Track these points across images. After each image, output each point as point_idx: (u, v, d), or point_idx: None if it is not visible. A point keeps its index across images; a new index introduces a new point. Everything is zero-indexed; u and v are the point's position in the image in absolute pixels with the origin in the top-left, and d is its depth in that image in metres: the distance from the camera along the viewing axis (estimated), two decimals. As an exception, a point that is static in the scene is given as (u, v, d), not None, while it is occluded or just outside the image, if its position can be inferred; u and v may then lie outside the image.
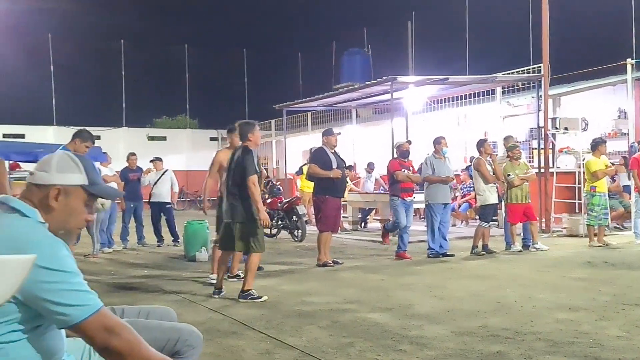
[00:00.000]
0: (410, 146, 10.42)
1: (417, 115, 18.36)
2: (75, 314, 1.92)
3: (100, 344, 1.96)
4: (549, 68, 13.89)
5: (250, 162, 6.65)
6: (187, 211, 24.22)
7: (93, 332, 1.95)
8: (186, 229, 10.23)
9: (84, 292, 1.97)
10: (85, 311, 1.94)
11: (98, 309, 1.97)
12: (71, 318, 1.92)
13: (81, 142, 7.15)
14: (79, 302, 1.94)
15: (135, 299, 6.77)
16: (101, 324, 1.96)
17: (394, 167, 9.77)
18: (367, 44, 29.92)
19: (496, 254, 9.95)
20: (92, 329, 1.95)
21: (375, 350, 4.60)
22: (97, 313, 1.96)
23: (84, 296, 1.97)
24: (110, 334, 1.96)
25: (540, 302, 6.14)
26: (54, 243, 1.96)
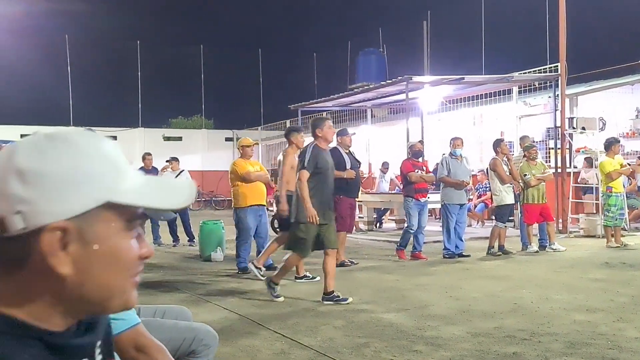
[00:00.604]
0: (422, 146, 10.36)
1: (433, 115, 18.28)
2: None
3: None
4: (566, 67, 13.78)
5: (303, 157, 6.56)
6: (203, 211, 24.32)
7: (123, 347, 1.92)
8: (202, 229, 10.27)
9: None
10: (120, 325, 1.92)
11: (133, 325, 1.95)
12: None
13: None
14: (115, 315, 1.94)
15: (151, 298, 6.80)
16: (133, 341, 1.92)
17: (407, 168, 9.73)
18: (382, 44, 29.87)
19: (512, 255, 9.89)
20: (123, 344, 1.92)
21: (390, 350, 4.59)
22: (131, 329, 1.93)
23: None
24: (139, 352, 1.93)
25: (557, 303, 6.09)
26: None
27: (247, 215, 8.57)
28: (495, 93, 17.38)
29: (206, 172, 27.56)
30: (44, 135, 0.94)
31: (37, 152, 0.91)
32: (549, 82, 15.07)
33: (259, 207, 8.71)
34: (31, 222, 0.88)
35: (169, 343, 2.52)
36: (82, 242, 0.90)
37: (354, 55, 30.27)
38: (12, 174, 0.88)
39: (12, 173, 0.88)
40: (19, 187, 0.88)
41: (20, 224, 0.87)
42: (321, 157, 6.53)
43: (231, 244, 10.97)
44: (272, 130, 29.72)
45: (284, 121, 27.81)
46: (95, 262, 0.92)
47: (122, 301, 0.99)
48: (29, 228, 0.88)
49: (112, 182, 0.92)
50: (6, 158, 0.90)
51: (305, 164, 6.45)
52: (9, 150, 0.91)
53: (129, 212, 0.94)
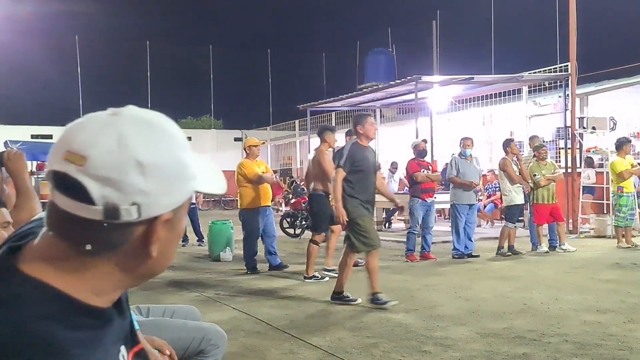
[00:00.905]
0: (426, 145, 10.30)
1: (442, 115, 18.23)
2: None
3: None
4: (576, 67, 13.70)
5: (340, 154, 6.35)
6: (212, 211, 24.38)
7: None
8: (211, 229, 10.29)
9: None
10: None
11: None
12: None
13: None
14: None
15: (161, 298, 6.82)
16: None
17: (412, 168, 9.67)
18: (391, 44, 29.87)
19: (522, 255, 9.85)
20: None
21: (399, 351, 4.58)
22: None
23: None
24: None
25: (567, 304, 6.06)
26: None
27: (253, 216, 8.57)
28: (505, 93, 17.32)
29: (215, 172, 27.61)
30: (144, 123, 0.94)
31: (150, 143, 0.91)
32: (559, 81, 15.00)
33: (265, 208, 8.71)
34: (145, 213, 0.90)
35: (178, 342, 2.52)
36: (170, 228, 0.96)
37: (362, 55, 30.29)
38: (132, 165, 0.88)
39: (132, 164, 0.89)
40: (139, 179, 0.89)
41: (134, 215, 0.89)
42: (360, 154, 6.32)
43: (240, 244, 10.98)
44: (280, 130, 29.76)
45: (293, 121, 27.85)
46: (171, 242, 0.99)
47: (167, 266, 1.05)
48: (141, 218, 0.90)
49: (194, 171, 0.97)
50: (120, 147, 0.89)
51: (341, 162, 6.26)
52: (115, 135, 0.90)
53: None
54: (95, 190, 0.87)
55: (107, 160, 0.88)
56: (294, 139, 27.70)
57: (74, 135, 0.90)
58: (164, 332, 2.52)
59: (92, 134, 0.90)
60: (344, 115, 24.43)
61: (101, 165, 0.87)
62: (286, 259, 9.54)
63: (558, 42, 20.90)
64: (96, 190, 0.87)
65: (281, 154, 28.74)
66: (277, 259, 8.84)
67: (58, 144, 0.91)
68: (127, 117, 0.93)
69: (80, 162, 0.87)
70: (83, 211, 0.88)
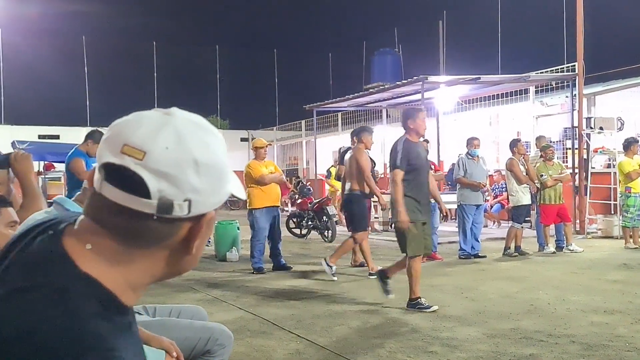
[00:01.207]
0: (427, 145, 10.25)
1: (449, 115, 18.21)
2: None
3: None
4: (584, 67, 13.65)
5: (394, 153, 6.02)
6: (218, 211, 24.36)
7: None
8: (217, 229, 10.29)
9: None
10: None
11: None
12: None
13: (93, 143, 6.84)
14: None
15: (167, 298, 6.83)
16: None
17: None
18: (397, 44, 29.84)
19: (529, 256, 9.82)
20: None
21: (405, 351, 4.57)
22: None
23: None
24: None
25: (574, 305, 6.04)
26: None
27: (261, 216, 8.60)
28: (511, 93, 17.28)
29: (222, 172, 27.67)
30: (197, 124, 0.98)
31: (204, 144, 0.96)
32: (566, 81, 14.95)
33: (273, 208, 8.73)
34: (195, 210, 0.94)
35: (185, 342, 2.53)
36: (209, 227, 1.00)
37: (369, 55, 30.27)
38: (189, 163, 0.92)
39: (190, 162, 0.92)
40: (194, 177, 0.93)
41: (185, 211, 0.93)
42: (413, 151, 6.04)
43: (246, 244, 10.99)
44: (287, 130, 29.77)
45: (299, 121, 27.86)
46: (204, 241, 1.02)
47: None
48: (189, 215, 0.94)
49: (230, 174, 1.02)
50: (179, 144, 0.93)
51: (398, 162, 5.90)
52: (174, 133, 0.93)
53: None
54: (152, 184, 0.90)
55: (166, 156, 0.91)
56: (300, 139, 27.72)
57: (131, 130, 0.93)
58: (171, 332, 2.52)
59: (151, 130, 0.93)
60: (350, 116, 24.43)
61: (160, 160, 0.90)
62: (292, 259, 9.55)
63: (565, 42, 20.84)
64: (153, 184, 0.90)
65: (287, 154, 28.76)
66: (281, 260, 8.86)
67: (111, 138, 0.94)
68: (181, 118, 0.97)
69: (139, 156, 0.90)
70: (136, 204, 0.91)
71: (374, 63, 28.98)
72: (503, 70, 22.96)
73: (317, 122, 21.50)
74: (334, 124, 25.98)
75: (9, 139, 16.78)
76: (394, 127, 22.62)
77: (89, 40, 29.58)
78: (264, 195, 8.59)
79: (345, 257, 9.58)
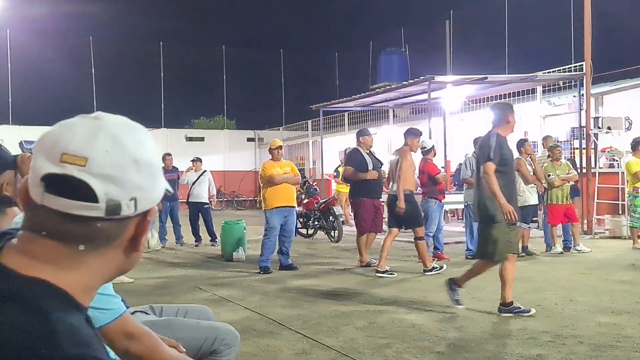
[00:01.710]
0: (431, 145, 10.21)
1: (455, 115, 18.17)
2: (99, 317, 1.94)
3: (121, 349, 1.96)
4: (591, 66, 13.60)
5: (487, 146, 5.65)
6: (225, 211, 24.43)
7: (114, 336, 1.96)
8: (223, 229, 10.31)
9: (109, 296, 1.99)
10: (109, 315, 1.95)
11: (121, 314, 1.98)
12: (95, 321, 1.94)
13: None
14: (104, 305, 1.96)
15: (174, 298, 6.85)
16: (122, 330, 1.96)
17: (433, 169, 9.58)
18: (404, 44, 29.77)
19: (536, 256, 9.79)
20: (113, 333, 1.96)
21: (412, 351, 4.56)
22: (119, 318, 1.97)
23: (109, 300, 1.98)
24: (130, 339, 1.96)
25: (581, 305, 6.01)
26: None
27: (272, 216, 8.65)
28: (519, 93, 17.23)
29: (228, 172, 27.68)
30: (129, 126, 1.00)
31: (139, 142, 0.98)
32: (574, 81, 14.90)
33: (286, 209, 8.74)
34: (140, 207, 0.97)
35: (191, 342, 2.53)
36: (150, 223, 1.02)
37: (375, 55, 30.22)
38: (130, 163, 0.95)
39: (131, 162, 0.95)
40: (137, 176, 0.95)
41: (132, 209, 0.96)
42: (506, 146, 5.78)
43: (253, 244, 11.02)
44: (293, 130, 29.77)
45: (306, 121, 27.85)
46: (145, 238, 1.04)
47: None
48: (136, 212, 0.97)
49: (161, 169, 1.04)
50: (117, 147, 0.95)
51: (492, 154, 5.55)
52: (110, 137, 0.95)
53: None
54: (99, 188, 0.92)
55: (108, 160, 0.93)
56: (307, 139, 27.70)
57: (66, 139, 0.93)
58: (177, 331, 2.53)
59: (87, 136, 0.94)
60: (356, 116, 24.41)
61: (103, 164, 0.92)
62: (298, 259, 9.55)
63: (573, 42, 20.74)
64: (100, 188, 0.92)
65: (294, 154, 28.73)
66: (288, 260, 8.87)
67: (46, 149, 0.94)
68: (111, 121, 0.98)
69: (81, 163, 0.91)
70: (84, 210, 0.92)
71: (381, 63, 28.94)
72: (510, 70, 22.88)
73: (324, 122, 21.48)
74: (341, 124, 25.96)
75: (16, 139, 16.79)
76: (401, 127, 22.58)
77: (96, 41, 29.65)
78: (275, 195, 8.64)
79: (353, 257, 9.60)
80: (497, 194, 5.48)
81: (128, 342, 1.96)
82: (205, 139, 29.83)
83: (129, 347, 1.95)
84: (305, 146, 27.86)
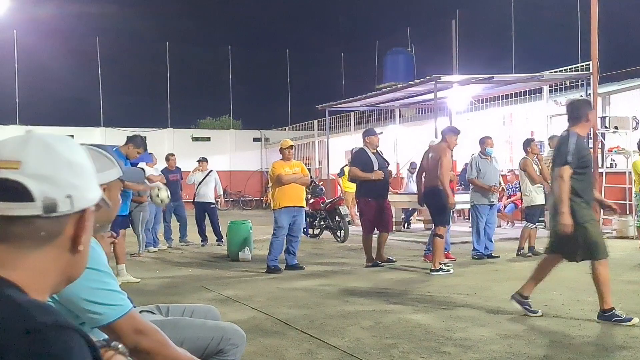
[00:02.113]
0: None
1: (461, 114, 18.13)
2: (108, 314, 1.95)
3: (130, 345, 1.97)
4: (598, 66, 13.55)
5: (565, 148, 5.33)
6: (231, 211, 24.46)
7: (124, 332, 1.97)
8: (230, 229, 10.32)
9: (116, 292, 2.00)
10: (117, 311, 1.97)
11: (129, 310, 2.00)
12: (104, 317, 1.95)
13: (134, 147, 7.56)
14: (112, 301, 1.97)
15: (180, 297, 6.85)
16: (131, 326, 1.98)
17: None
18: (410, 43, 29.73)
19: (543, 256, 9.74)
20: (123, 329, 1.97)
21: (418, 351, 4.55)
22: (128, 314, 1.99)
23: (116, 296, 2.00)
24: (139, 335, 1.98)
25: (588, 306, 5.98)
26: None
27: (280, 215, 8.67)
28: (525, 92, 17.18)
29: (234, 172, 27.73)
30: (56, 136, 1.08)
31: (70, 148, 1.06)
32: (581, 80, 14.85)
33: (294, 208, 8.75)
34: (76, 205, 1.03)
35: (197, 342, 2.53)
36: (89, 224, 1.08)
37: (381, 54, 30.18)
38: (64, 164, 1.02)
39: (64, 163, 1.03)
40: (71, 175, 1.03)
41: (68, 206, 1.02)
42: (584, 146, 5.55)
43: (259, 244, 11.03)
44: (299, 130, 29.78)
45: (312, 121, 27.86)
46: (88, 244, 1.11)
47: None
48: (73, 210, 1.03)
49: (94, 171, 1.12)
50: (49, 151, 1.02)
51: (569, 158, 5.24)
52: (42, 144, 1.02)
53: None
54: (34, 187, 0.98)
55: (42, 161, 1.00)
56: (313, 139, 27.71)
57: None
58: (183, 331, 2.53)
59: (18, 144, 1.02)
60: (362, 115, 24.40)
61: (36, 165, 0.99)
62: (304, 259, 9.55)
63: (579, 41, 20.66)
64: (35, 187, 0.98)
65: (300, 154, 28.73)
66: (294, 260, 8.88)
67: None
68: (43, 133, 1.06)
69: (15, 166, 0.98)
70: (21, 210, 0.98)
71: (387, 62, 28.91)
72: (517, 69, 22.82)
73: (330, 122, 21.47)
74: (347, 124, 25.95)
75: (23, 139, 16.90)
76: (407, 126, 22.60)
77: (103, 41, 29.71)
78: (284, 195, 8.66)
79: (359, 257, 9.59)
80: (563, 201, 5.21)
81: (138, 337, 1.97)
82: (211, 139, 29.87)
83: (139, 343, 1.97)
84: (311, 146, 27.85)
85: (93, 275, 1.95)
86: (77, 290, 1.92)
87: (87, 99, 29.59)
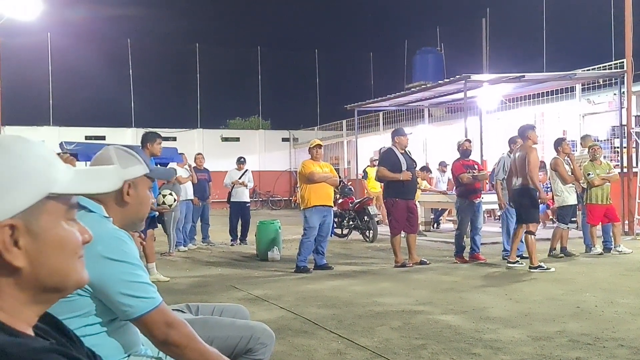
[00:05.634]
0: (470, 144, 10.10)
1: (492, 114, 17.96)
2: (140, 306, 1.97)
3: (161, 338, 2.00)
4: (632, 63, 13.31)
5: None
6: (260, 211, 24.57)
7: (155, 325, 1.99)
8: (259, 229, 10.37)
9: (148, 285, 2.03)
10: (149, 304, 1.99)
11: (160, 303, 2.02)
12: (136, 310, 1.97)
13: (152, 144, 7.49)
14: (144, 294, 1.99)
15: (209, 297, 6.90)
16: (162, 319, 2.00)
17: (457, 169, 9.53)
18: (439, 42, 29.56)
19: (575, 257, 9.62)
20: (154, 322, 1.99)
21: (448, 353, 4.52)
22: (159, 307, 2.01)
23: (148, 288, 2.02)
24: (170, 328, 1.99)
25: (622, 307, 5.88)
26: (119, 236, 2.03)
27: (311, 215, 8.68)
28: (557, 91, 16.95)
29: (263, 172, 27.86)
30: None
31: None
32: (614, 79, 14.60)
33: (325, 208, 8.77)
34: None
35: (227, 340, 2.54)
36: (32, 235, 0.99)
37: (410, 54, 30.06)
38: None
39: None
40: None
41: None
42: None
43: (287, 244, 11.06)
44: (328, 130, 29.80)
45: (340, 121, 27.86)
46: (45, 251, 1.01)
47: (75, 281, 1.07)
48: None
49: (48, 176, 1.02)
50: None
51: None
52: None
53: (66, 202, 1.04)
54: None
55: None
56: (342, 139, 27.70)
57: None
58: (213, 330, 2.55)
59: None
60: (391, 115, 24.31)
61: None
62: (333, 259, 9.55)
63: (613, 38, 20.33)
64: None
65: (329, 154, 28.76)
66: (323, 259, 8.88)
67: None
68: None
69: None
70: None
71: (416, 62, 28.79)
72: (548, 67, 22.52)
73: (358, 122, 21.45)
74: (375, 124, 25.90)
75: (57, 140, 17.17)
76: (436, 126, 22.46)
77: (134, 43, 30.14)
78: (314, 194, 8.68)
79: (388, 257, 9.55)
80: None
81: (168, 330, 1.99)
82: (240, 139, 30.05)
83: (169, 336, 1.99)
84: (340, 146, 27.85)
85: (126, 267, 1.98)
86: (111, 283, 1.95)
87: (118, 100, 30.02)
